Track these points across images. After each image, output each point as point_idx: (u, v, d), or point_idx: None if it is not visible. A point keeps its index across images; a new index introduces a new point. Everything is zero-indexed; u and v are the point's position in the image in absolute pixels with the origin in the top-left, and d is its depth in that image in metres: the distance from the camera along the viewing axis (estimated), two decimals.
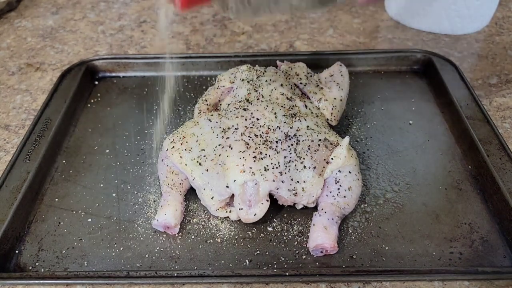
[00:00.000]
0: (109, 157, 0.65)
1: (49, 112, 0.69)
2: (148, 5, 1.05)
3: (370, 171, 0.62)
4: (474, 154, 0.62)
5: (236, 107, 0.60)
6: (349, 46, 0.88)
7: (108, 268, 0.51)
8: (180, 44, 0.90)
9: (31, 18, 1.01)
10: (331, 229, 0.51)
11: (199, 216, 0.57)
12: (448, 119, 0.70)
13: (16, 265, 0.52)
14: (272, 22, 0.97)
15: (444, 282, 0.49)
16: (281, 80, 0.64)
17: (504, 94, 0.75)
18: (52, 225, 0.56)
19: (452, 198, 0.58)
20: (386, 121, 0.70)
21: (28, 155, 0.62)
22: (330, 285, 0.49)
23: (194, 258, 0.52)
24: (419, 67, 0.81)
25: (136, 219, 0.56)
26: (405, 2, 0.92)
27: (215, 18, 0.99)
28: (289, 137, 0.56)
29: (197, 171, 0.56)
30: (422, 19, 0.91)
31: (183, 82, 0.79)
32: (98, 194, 0.60)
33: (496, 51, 0.86)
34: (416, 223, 0.55)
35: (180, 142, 0.58)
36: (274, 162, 0.53)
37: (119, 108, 0.74)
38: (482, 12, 0.89)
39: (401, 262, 0.51)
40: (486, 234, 0.54)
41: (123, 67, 0.82)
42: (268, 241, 0.54)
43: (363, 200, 0.58)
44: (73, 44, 0.91)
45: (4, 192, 0.57)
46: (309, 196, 0.54)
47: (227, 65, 0.80)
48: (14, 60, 0.87)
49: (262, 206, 0.53)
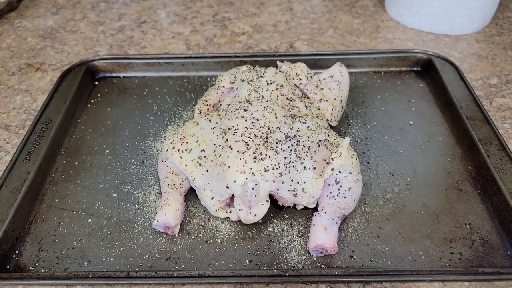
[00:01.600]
0: (109, 157, 0.65)
1: (49, 112, 0.69)
2: (148, 5, 1.05)
3: (370, 171, 0.62)
4: (474, 154, 0.62)
5: (236, 108, 0.60)
6: (349, 47, 0.88)
7: (108, 269, 0.51)
8: (180, 44, 0.90)
9: (31, 18, 1.01)
10: (331, 230, 0.51)
11: (199, 217, 0.57)
12: (448, 120, 0.70)
13: (16, 265, 0.52)
14: (272, 22, 0.97)
15: (444, 283, 0.49)
16: (281, 80, 0.64)
17: (504, 95, 0.75)
18: (52, 225, 0.56)
19: (452, 198, 0.58)
20: (386, 121, 0.70)
21: (28, 155, 0.62)
22: (330, 285, 0.49)
23: (194, 258, 0.52)
24: (419, 68, 0.81)
25: (136, 220, 0.56)
26: (405, 2, 0.92)
27: (215, 18, 0.99)
28: (289, 138, 0.56)
29: (197, 171, 0.56)
30: (422, 19, 0.91)
31: (183, 82, 0.80)
32: (98, 194, 0.60)
33: (496, 51, 0.86)
34: (416, 224, 0.55)
35: (180, 142, 0.58)
36: (274, 163, 0.53)
37: (119, 108, 0.74)
38: (482, 12, 0.89)
39: (401, 263, 0.51)
40: (486, 234, 0.54)
41: (123, 67, 0.82)
42: (268, 241, 0.54)
43: (363, 201, 0.58)
44: (73, 44, 0.91)
45: (4, 192, 0.57)
46: (309, 197, 0.54)
47: (227, 65, 0.80)
48: (14, 60, 0.87)
49: (262, 206, 0.53)
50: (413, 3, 0.90)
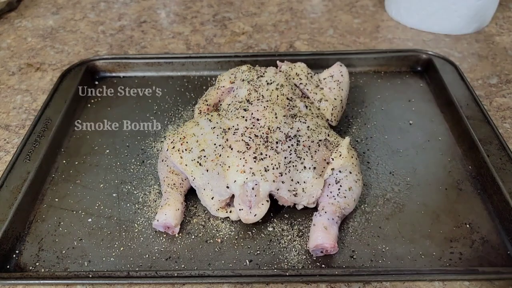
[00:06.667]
0: (109, 157, 0.65)
1: (49, 112, 0.69)
2: (148, 5, 1.05)
3: (370, 171, 0.62)
4: (474, 154, 0.62)
5: (236, 108, 0.60)
6: (349, 46, 0.88)
7: (108, 268, 0.51)
8: (180, 44, 0.90)
9: (31, 18, 1.01)
10: (331, 229, 0.51)
11: (199, 216, 0.57)
12: (448, 119, 0.70)
13: (16, 265, 0.52)
14: (272, 22, 0.97)
15: (444, 282, 0.49)
16: (281, 80, 0.64)
17: (504, 94, 0.75)
18: (52, 225, 0.56)
19: (452, 198, 0.58)
20: (386, 121, 0.70)
21: (28, 155, 0.62)
22: (330, 285, 0.49)
23: (194, 258, 0.52)
24: (419, 67, 0.81)
25: (136, 219, 0.56)
26: (405, 2, 0.92)
27: (215, 18, 0.99)
28: (289, 138, 0.56)
29: (197, 171, 0.56)
30: (422, 19, 0.91)
31: (183, 82, 0.80)
32: (98, 194, 0.60)
33: (496, 51, 0.86)
34: (416, 223, 0.55)
35: (180, 142, 0.58)
36: (274, 163, 0.53)
37: (119, 108, 0.74)
38: (482, 12, 0.89)
39: (401, 262, 0.51)
40: (486, 234, 0.54)
41: (123, 67, 0.82)
42: (268, 241, 0.54)
43: (363, 200, 0.58)
44: (73, 44, 0.91)
45: (4, 192, 0.57)
46: (309, 197, 0.54)
47: (227, 65, 0.80)
48: (14, 60, 0.87)
49: (262, 206, 0.53)
50: (413, 3, 0.90)
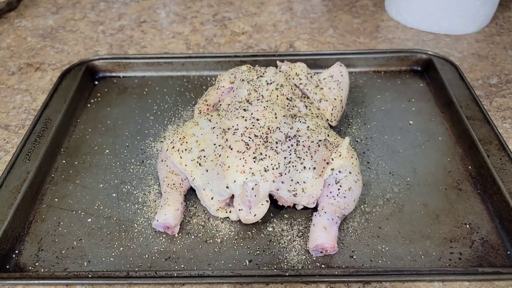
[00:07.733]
0: (109, 157, 0.65)
1: (49, 112, 0.69)
2: (148, 5, 1.05)
3: (370, 171, 0.62)
4: (474, 154, 0.62)
5: (236, 108, 0.60)
6: (349, 46, 0.88)
7: (108, 268, 0.51)
8: (180, 44, 0.90)
9: (31, 18, 1.01)
10: (331, 229, 0.51)
11: (199, 217, 0.57)
12: (448, 119, 0.70)
13: (16, 265, 0.52)
14: (272, 22, 0.97)
15: (444, 283, 0.49)
16: (281, 80, 0.64)
17: (504, 94, 0.75)
18: (52, 225, 0.56)
19: (452, 198, 0.58)
20: (386, 121, 0.70)
21: (28, 155, 0.62)
22: (330, 285, 0.49)
23: (194, 258, 0.52)
24: (419, 67, 0.81)
25: (136, 219, 0.56)
26: (405, 2, 0.92)
27: (215, 18, 0.99)
28: (289, 138, 0.56)
29: (197, 171, 0.55)
30: (422, 19, 0.91)
31: (183, 82, 0.79)
32: (98, 194, 0.60)
33: (496, 51, 0.86)
34: (416, 223, 0.55)
35: (180, 142, 0.58)
36: (274, 163, 0.53)
37: (119, 108, 0.74)
38: (482, 12, 0.89)
39: (401, 262, 0.51)
40: (486, 234, 0.54)
41: (123, 67, 0.82)
42: (268, 241, 0.54)
43: (363, 200, 0.58)
44: (73, 44, 0.91)
45: (4, 192, 0.57)
46: (309, 197, 0.54)
47: (227, 65, 0.80)
48: (14, 60, 0.87)
49: (262, 206, 0.53)
50: (413, 3, 0.90)
